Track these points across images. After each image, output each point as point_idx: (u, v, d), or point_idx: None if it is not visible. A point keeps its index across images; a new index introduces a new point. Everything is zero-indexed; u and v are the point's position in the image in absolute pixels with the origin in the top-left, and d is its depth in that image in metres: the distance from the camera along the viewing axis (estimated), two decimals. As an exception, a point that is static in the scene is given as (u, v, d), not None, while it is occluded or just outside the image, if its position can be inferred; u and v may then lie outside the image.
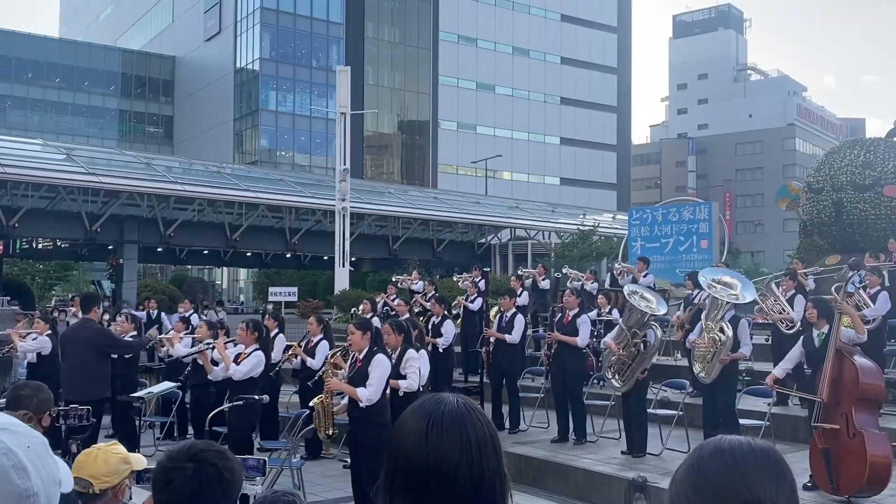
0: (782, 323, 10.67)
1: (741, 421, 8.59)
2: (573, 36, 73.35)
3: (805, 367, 8.21)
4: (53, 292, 45.87)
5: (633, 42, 79.31)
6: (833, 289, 9.34)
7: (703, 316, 8.86)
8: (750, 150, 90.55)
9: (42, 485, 1.15)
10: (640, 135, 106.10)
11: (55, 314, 15.56)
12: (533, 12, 71.43)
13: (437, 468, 1.37)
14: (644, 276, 14.54)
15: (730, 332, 8.34)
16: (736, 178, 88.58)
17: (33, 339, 11.88)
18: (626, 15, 78.23)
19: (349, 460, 8.10)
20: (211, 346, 9.68)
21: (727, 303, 8.50)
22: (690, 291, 11.83)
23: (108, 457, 2.94)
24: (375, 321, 10.84)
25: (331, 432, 8.04)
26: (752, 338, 9.61)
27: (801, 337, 8.37)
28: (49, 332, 11.72)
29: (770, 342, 11.46)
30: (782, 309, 10.73)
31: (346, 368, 7.87)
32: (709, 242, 18.45)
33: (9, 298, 24.60)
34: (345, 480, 8.45)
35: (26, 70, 67.82)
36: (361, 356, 7.28)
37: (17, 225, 30.41)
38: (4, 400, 4.42)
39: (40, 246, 41.39)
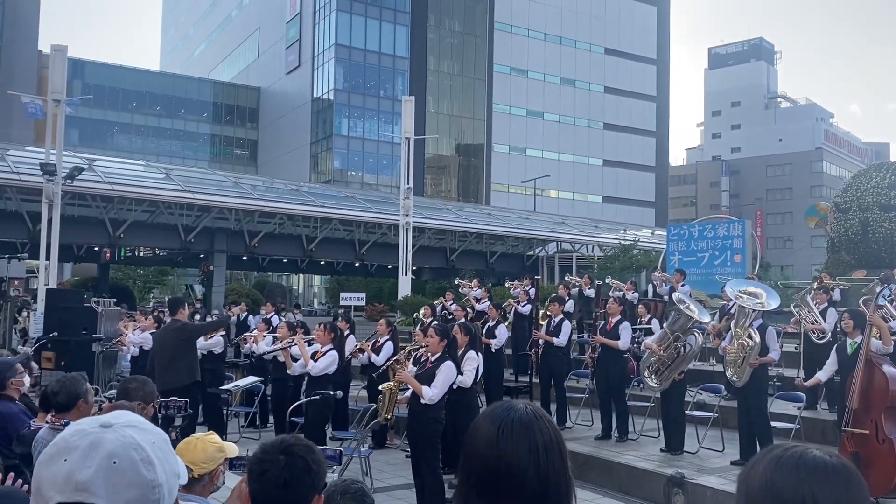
0: (813, 333, 10.35)
1: (773, 423, 8.37)
2: (615, 67, 72.71)
3: (835, 375, 8.00)
4: (152, 295, 46.84)
5: (671, 72, 78.26)
6: (862, 301, 9.07)
7: (731, 324, 8.68)
8: (780, 171, 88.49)
9: (165, 477, 1.16)
10: (677, 157, 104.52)
11: (157, 314, 15.90)
12: (579, 46, 71.03)
13: (506, 471, 1.37)
14: (681, 287, 14.30)
15: (757, 338, 8.14)
16: (766, 197, 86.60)
17: (140, 334, 12.32)
18: (664, 48, 77.26)
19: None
20: (292, 343, 9.80)
21: (754, 311, 8.32)
22: (726, 302, 11.59)
23: (205, 445, 2.98)
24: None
25: (389, 416, 8.02)
26: (781, 346, 9.38)
27: (835, 345, 8.19)
28: (154, 329, 12.05)
29: (800, 350, 11.15)
30: (815, 320, 10.41)
31: (408, 365, 7.87)
32: (742, 257, 18.08)
33: (115, 300, 25.19)
34: (407, 469, 8.45)
35: (131, 100, 69.57)
36: (433, 359, 7.25)
37: (122, 235, 31.17)
38: (115, 391, 4.53)
39: (141, 254, 42.13)
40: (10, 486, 2.89)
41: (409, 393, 7.40)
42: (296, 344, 9.61)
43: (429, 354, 7.42)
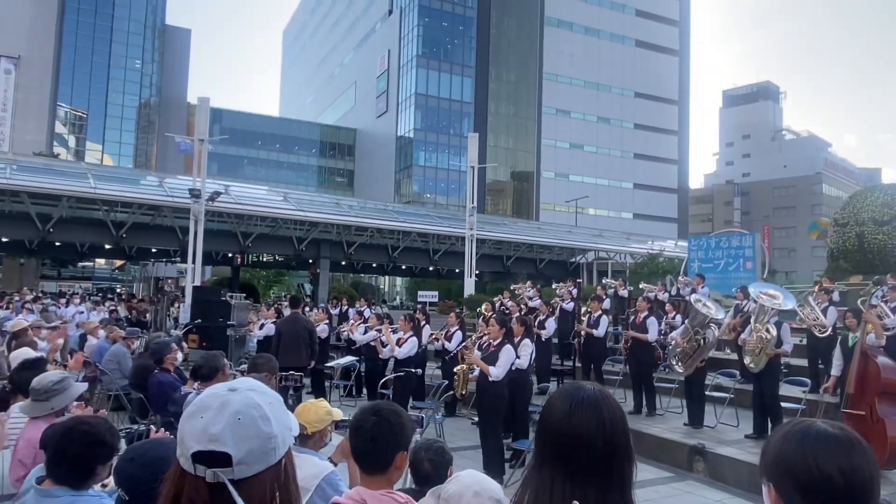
0: (815, 328, 9.91)
1: (782, 404, 8.04)
2: (643, 107, 71.28)
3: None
4: (272, 291, 47.99)
5: (690, 110, 76.62)
6: (859, 302, 8.62)
7: (752, 319, 8.36)
8: (784, 192, 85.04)
9: (279, 430, 1.17)
10: (695, 181, 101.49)
11: (277, 307, 16.29)
12: (612, 91, 69.93)
13: (577, 440, 1.33)
14: (701, 288, 13.85)
15: (774, 332, 7.84)
16: (773, 214, 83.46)
17: (264, 323, 12.66)
18: (685, 90, 75.36)
19: (476, 419, 8.07)
20: (381, 332, 9.93)
21: (772, 309, 7.99)
22: (740, 301, 11.17)
23: (317, 409, 3.01)
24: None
25: (464, 392, 8.06)
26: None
27: (839, 339, 7.85)
28: (275, 319, 12.36)
29: (805, 343, 10.66)
30: (816, 317, 9.98)
31: (475, 351, 7.84)
32: (753, 264, 17.42)
33: (244, 295, 25.88)
34: (473, 433, 8.41)
35: (256, 139, 71.57)
36: (495, 343, 7.22)
37: (249, 245, 32.12)
38: (246, 366, 4.66)
39: (264, 259, 43.26)
40: (167, 436, 2.97)
41: (477, 372, 7.38)
42: (384, 335, 9.76)
43: (491, 340, 7.38)
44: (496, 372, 6.89)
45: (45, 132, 58.72)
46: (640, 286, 16.83)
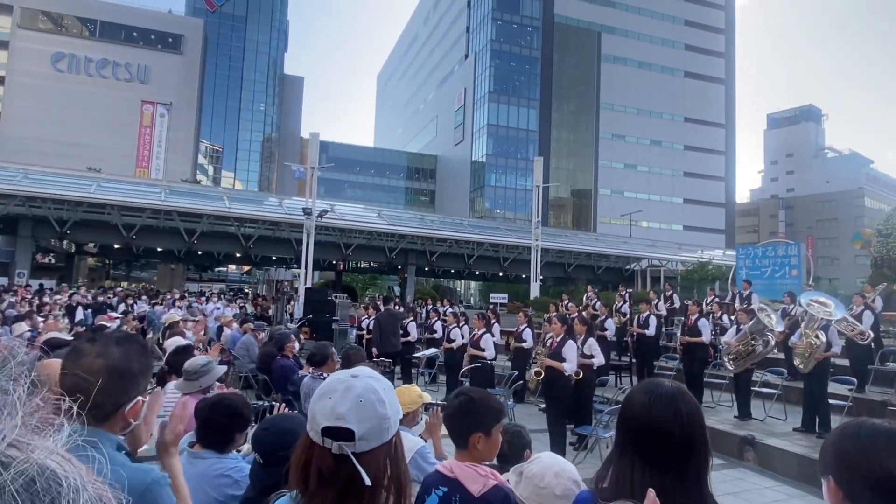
0: (856, 338, 8.87)
1: (830, 401, 7.44)
2: (692, 131, 68.21)
3: None
4: (367, 292, 48.86)
5: (736, 132, 72.50)
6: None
7: (802, 325, 7.74)
8: (827, 206, 78.84)
9: (391, 412, 1.18)
10: (741, 195, 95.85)
11: (373, 304, 16.60)
12: (664, 117, 67.28)
13: (656, 431, 1.28)
14: (748, 293, 13.06)
15: (823, 338, 7.23)
16: (816, 226, 77.55)
17: (365, 318, 12.95)
18: (731, 114, 71.46)
19: (543, 405, 7.92)
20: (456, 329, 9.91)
21: (822, 318, 7.34)
22: (787, 305, 10.43)
23: (411, 392, 3.02)
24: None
25: (536, 389, 7.94)
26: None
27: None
28: (372, 314, 12.63)
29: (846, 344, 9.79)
30: (853, 328, 8.89)
31: (543, 351, 7.68)
32: (798, 272, 16.27)
33: (345, 295, 26.42)
34: (539, 419, 8.26)
35: (355, 166, 73.08)
36: (557, 339, 7.08)
37: (350, 253, 32.84)
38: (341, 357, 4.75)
39: (361, 265, 44.05)
40: (290, 412, 3.07)
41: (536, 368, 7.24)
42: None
43: (554, 337, 7.25)
44: (569, 367, 6.76)
45: (190, 163, 62.54)
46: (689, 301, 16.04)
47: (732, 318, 10.25)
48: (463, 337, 9.96)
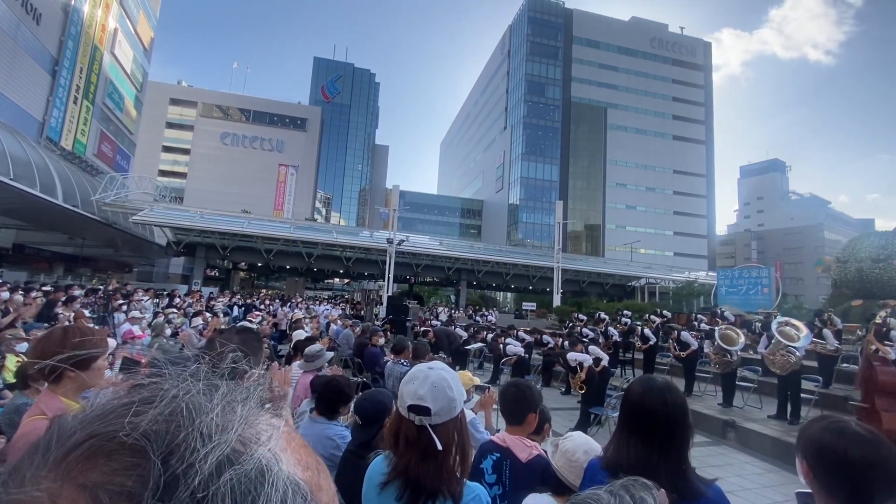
0: (822, 350, 7.83)
1: (801, 395, 6.78)
2: (679, 180, 65.16)
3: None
4: (432, 300, 48.83)
5: (715, 180, 68.70)
6: (867, 321, 7.09)
7: (772, 343, 6.95)
8: (792, 237, 72.95)
9: (457, 395, 1.18)
10: (721, 229, 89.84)
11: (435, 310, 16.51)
12: (657, 169, 64.59)
13: (648, 416, 1.24)
14: (724, 312, 12.13)
15: (799, 355, 6.49)
16: (783, 254, 71.67)
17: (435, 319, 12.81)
18: (710, 166, 67.87)
19: (564, 389, 7.61)
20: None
21: (786, 343, 6.62)
22: (762, 317, 9.61)
23: (464, 376, 2.90)
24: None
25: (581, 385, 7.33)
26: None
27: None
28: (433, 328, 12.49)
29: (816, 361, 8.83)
30: (825, 346, 7.75)
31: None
32: (769, 290, 15.06)
33: (416, 302, 26.44)
34: (563, 399, 7.96)
35: (424, 207, 73.73)
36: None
37: (419, 271, 33.04)
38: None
39: (427, 279, 43.88)
40: (379, 388, 3.08)
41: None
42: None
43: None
44: (603, 361, 6.46)
45: (310, 207, 65.42)
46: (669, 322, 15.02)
47: (711, 327, 9.57)
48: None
